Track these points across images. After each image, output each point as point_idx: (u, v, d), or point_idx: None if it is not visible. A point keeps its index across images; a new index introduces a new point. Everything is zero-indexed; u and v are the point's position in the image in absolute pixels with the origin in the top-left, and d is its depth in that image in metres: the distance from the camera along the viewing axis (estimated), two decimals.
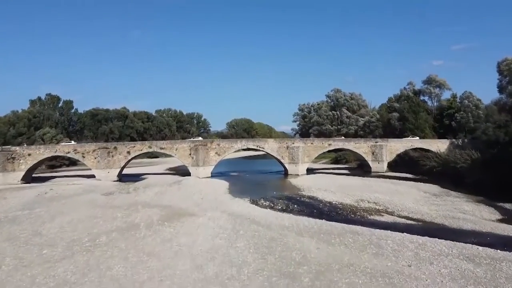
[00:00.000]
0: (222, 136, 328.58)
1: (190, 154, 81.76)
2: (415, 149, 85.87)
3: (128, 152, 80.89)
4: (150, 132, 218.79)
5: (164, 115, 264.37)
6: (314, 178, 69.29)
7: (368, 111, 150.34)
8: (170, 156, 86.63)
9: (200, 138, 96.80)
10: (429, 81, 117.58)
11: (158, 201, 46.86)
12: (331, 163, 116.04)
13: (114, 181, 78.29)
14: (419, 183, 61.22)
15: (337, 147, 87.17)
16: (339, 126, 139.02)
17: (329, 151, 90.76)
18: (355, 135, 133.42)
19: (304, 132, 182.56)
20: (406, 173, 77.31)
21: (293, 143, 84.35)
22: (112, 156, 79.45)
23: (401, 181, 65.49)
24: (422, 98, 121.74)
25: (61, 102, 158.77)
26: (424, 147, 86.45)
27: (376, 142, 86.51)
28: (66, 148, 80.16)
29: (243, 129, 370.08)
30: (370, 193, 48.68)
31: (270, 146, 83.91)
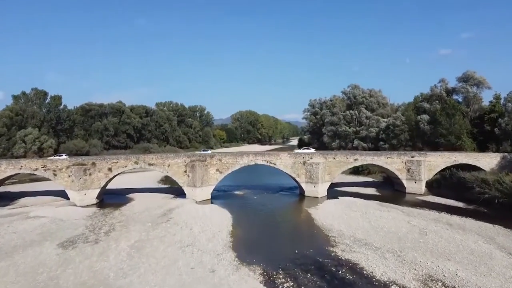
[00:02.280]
0: (226, 129, 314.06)
1: (185, 172, 66.85)
2: (456, 166, 70.51)
3: (110, 169, 66.02)
4: (148, 128, 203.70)
5: (165, 108, 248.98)
6: (342, 211, 54.06)
7: (389, 109, 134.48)
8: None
9: (209, 152, 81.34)
10: (465, 78, 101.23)
11: (128, 272, 31.93)
12: (350, 173, 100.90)
13: (93, 204, 63.91)
14: (487, 224, 45.84)
15: (365, 162, 71.88)
16: (357, 128, 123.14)
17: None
18: (376, 139, 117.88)
19: (315, 130, 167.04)
20: (453, 199, 61.97)
21: (311, 158, 69.08)
22: (90, 175, 64.64)
23: (455, 217, 50.20)
24: (455, 97, 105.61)
25: (48, 98, 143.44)
26: (470, 163, 71.05)
27: (412, 157, 71.03)
28: (34, 164, 65.28)
29: (248, 122, 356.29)
30: (437, 260, 33.47)
31: (283, 161, 68.69)
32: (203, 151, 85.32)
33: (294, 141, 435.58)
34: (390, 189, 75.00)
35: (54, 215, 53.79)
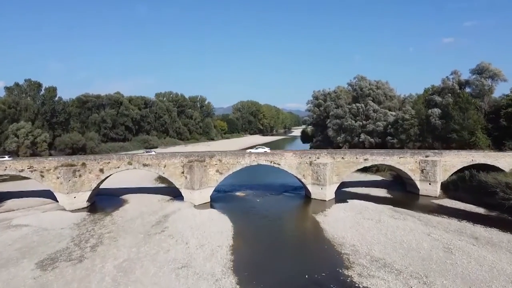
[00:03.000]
0: (227, 120, 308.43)
1: (182, 173, 62.11)
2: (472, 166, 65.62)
3: (101, 170, 61.31)
4: (147, 119, 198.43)
5: (165, 99, 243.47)
6: (353, 219, 49.31)
7: (396, 102, 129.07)
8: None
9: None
10: (479, 70, 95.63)
11: None
12: (358, 170, 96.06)
13: (83, 208, 59.47)
14: None
15: (376, 162, 66.94)
16: (364, 122, 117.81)
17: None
18: (384, 134, 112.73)
19: (319, 123, 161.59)
20: (472, 203, 57.19)
21: (318, 158, 64.19)
22: (80, 176, 59.99)
23: (480, 227, 45.43)
24: (467, 90, 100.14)
25: (42, 89, 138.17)
26: (488, 163, 66.14)
27: (426, 156, 66.08)
28: (19, 164, 60.60)
29: (249, 112, 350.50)
30: None
31: (288, 161, 63.81)
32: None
33: (296, 131, 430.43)
34: (401, 190, 70.23)
35: (39, 224, 49.18)
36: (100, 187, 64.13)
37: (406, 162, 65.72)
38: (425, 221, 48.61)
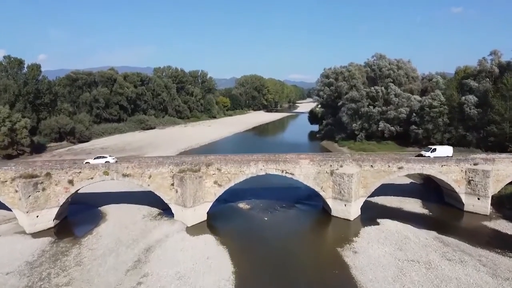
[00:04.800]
0: (230, 96, 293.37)
1: (172, 185, 49.78)
2: None
3: (71, 182, 49.05)
4: (144, 98, 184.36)
5: (164, 74, 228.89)
6: (393, 262, 37.08)
7: (419, 84, 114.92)
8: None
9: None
10: None
11: None
12: None
13: (49, 229, 47.77)
14: None
15: (412, 171, 54.10)
16: (383, 108, 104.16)
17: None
18: (407, 122, 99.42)
19: (329, 104, 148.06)
20: None
21: (341, 166, 51.54)
22: (43, 190, 47.84)
23: None
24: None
25: (25, 67, 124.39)
26: None
27: (475, 164, 53.23)
28: None
29: (253, 87, 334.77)
30: None
31: (303, 170, 51.26)
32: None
33: (302, 106, 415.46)
34: (438, 201, 57.98)
35: None
36: (79, 190, 52.07)
37: (450, 171, 53.01)
38: (490, 265, 36.41)
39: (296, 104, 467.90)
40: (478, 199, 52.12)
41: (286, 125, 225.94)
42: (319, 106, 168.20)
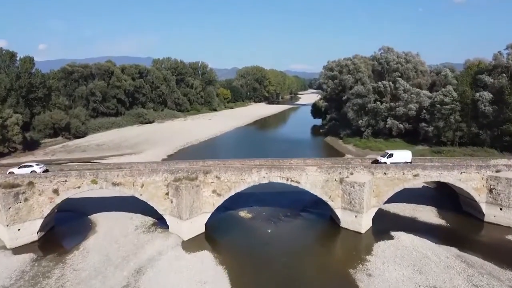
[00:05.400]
0: (231, 87, 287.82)
1: (167, 194, 45.54)
2: None
3: (56, 191, 44.84)
4: (142, 90, 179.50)
5: (163, 66, 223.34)
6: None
7: (428, 79, 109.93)
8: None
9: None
10: None
11: None
12: None
13: (33, 243, 43.83)
14: None
15: (429, 179, 49.71)
16: (391, 104, 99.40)
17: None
18: (416, 119, 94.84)
19: (333, 97, 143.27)
20: None
21: (351, 174, 47.20)
22: (26, 200, 43.69)
23: None
24: None
25: (17, 60, 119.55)
26: None
27: (497, 171, 48.85)
28: None
29: (254, 79, 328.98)
30: None
31: (310, 179, 46.93)
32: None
33: (303, 98, 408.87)
34: (455, 210, 53.70)
35: None
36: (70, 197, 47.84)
37: (470, 178, 48.63)
38: None
39: (298, 95, 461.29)
40: (501, 209, 47.83)
41: (288, 119, 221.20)
42: (322, 100, 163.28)
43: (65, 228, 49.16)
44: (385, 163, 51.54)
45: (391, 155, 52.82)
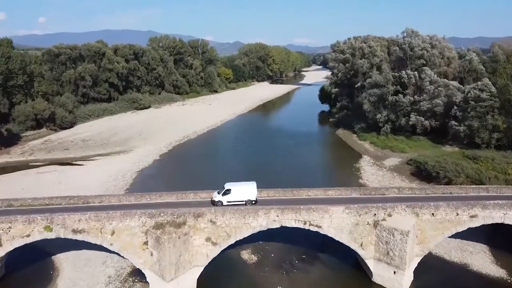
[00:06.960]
0: (232, 66, 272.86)
1: (145, 244, 34.36)
2: None
3: None
4: (137, 73, 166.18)
5: (160, 44, 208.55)
6: None
7: (456, 66, 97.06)
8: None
9: None
10: None
11: None
12: (412, 174, 68.48)
13: None
14: None
15: (490, 221, 38.11)
16: (415, 97, 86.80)
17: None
18: (444, 116, 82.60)
19: (344, 83, 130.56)
20: None
21: (389, 215, 35.85)
22: None
23: None
24: None
25: None
26: None
27: None
28: None
29: (257, 57, 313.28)
30: None
31: (335, 222, 35.64)
32: None
33: (308, 76, 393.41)
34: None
35: None
36: None
37: None
38: None
39: (302, 73, 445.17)
40: None
41: (293, 103, 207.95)
42: (332, 83, 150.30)
43: (19, 278, 38.41)
44: (220, 203, 38.39)
45: (227, 192, 38.66)
